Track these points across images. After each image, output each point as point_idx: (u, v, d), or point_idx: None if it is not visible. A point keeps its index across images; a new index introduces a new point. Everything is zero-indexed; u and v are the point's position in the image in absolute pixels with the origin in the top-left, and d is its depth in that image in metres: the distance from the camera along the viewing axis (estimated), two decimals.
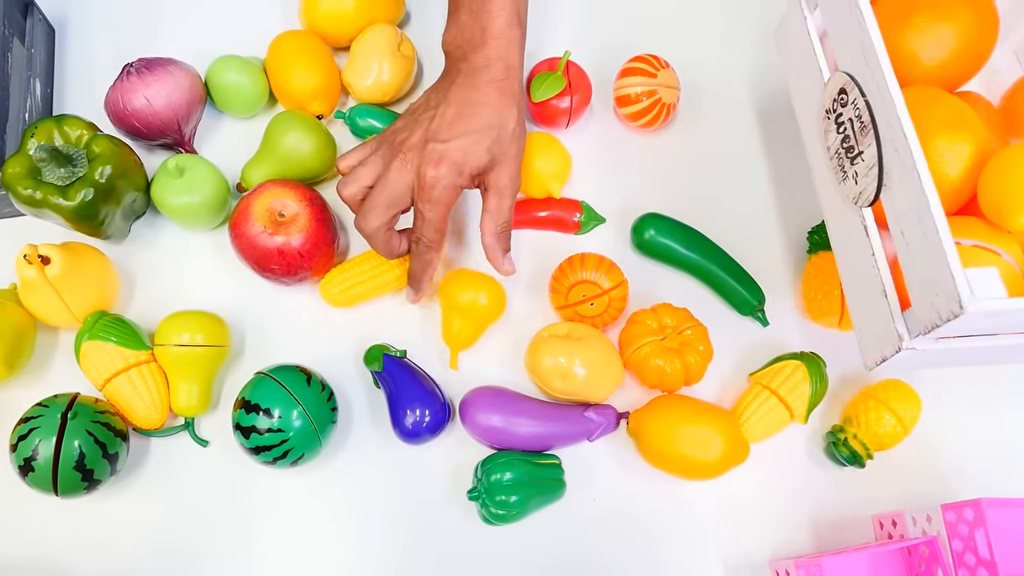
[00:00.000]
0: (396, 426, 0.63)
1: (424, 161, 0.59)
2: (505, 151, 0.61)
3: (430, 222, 0.60)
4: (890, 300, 0.53)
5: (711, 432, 0.63)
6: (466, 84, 0.61)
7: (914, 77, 0.60)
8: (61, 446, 0.57)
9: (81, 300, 0.63)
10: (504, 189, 0.61)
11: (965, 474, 0.67)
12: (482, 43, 0.61)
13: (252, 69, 0.72)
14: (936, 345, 0.51)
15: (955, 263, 0.46)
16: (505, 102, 0.61)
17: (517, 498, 0.61)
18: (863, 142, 0.55)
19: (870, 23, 0.54)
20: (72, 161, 0.64)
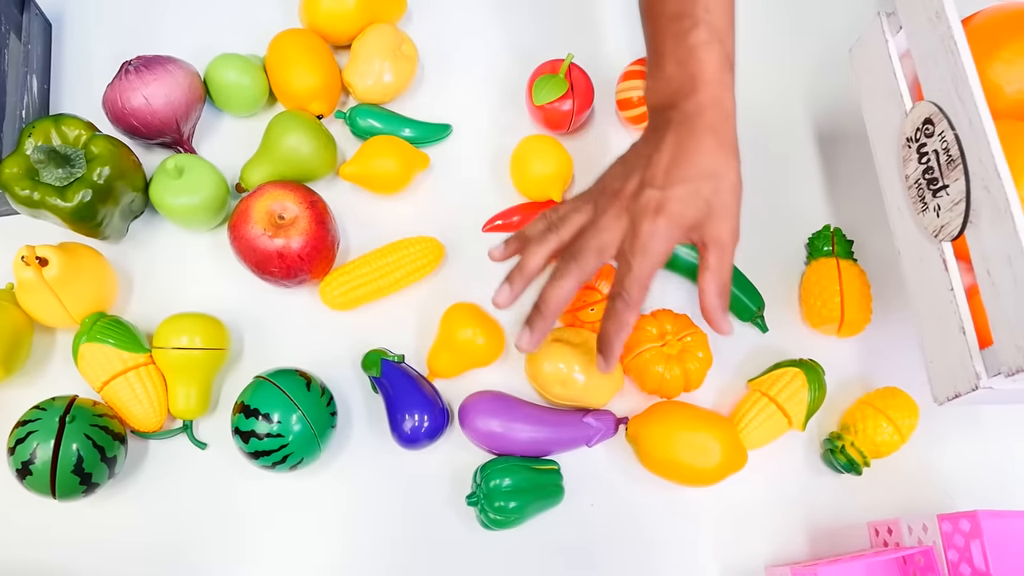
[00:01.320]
0: (395, 431, 0.63)
1: (641, 210, 0.54)
2: (725, 202, 0.55)
3: (637, 277, 0.54)
4: (968, 337, 0.52)
5: (709, 439, 0.63)
6: (680, 131, 0.55)
7: (998, 110, 0.58)
8: (59, 450, 0.57)
9: (79, 301, 0.63)
10: (726, 244, 0.55)
11: (962, 483, 0.67)
12: (693, 91, 0.56)
13: (252, 68, 0.72)
14: (1014, 385, 0.50)
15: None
16: (723, 150, 0.55)
17: (516, 504, 0.61)
18: (949, 176, 0.54)
19: (965, 55, 0.53)
20: (70, 161, 0.63)
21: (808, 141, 0.77)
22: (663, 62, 0.57)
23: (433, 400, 0.64)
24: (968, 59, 0.53)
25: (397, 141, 0.71)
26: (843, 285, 0.67)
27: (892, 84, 0.62)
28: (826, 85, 0.78)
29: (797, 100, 0.78)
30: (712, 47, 0.56)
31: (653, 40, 0.59)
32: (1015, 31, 0.60)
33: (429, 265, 0.69)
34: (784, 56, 0.80)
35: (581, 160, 0.74)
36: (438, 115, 0.75)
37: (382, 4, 0.74)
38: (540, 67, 0.73)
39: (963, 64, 0.53)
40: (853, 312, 0.67)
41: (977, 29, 0.61)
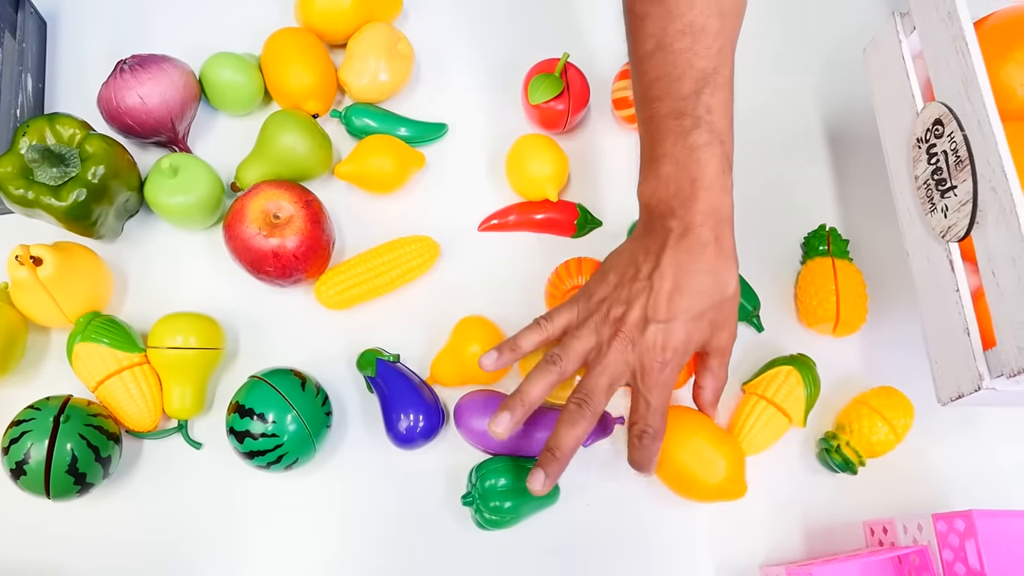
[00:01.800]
0: (390, 431, 0.63)
1: (648, 347, 0.54)
2: (727, 315, 0.56)
3: (656, 409, 0.55)
4: (972, 338, 0.53)
5: (719, 457, 0.62)
6: (680, 248, 0.54)
7: (1010, 111, 0.58)
8: (53, 450, 0.57)
9: (73, 301, 0.63)
10: (725, 350, 0.58)
11: (957, 483, 0.67)
12: (692, 196, 0.54)
13: (247, 67, 0.72)
14: (1016, 387, 0.51)
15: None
16: (723, 264, 0.55)
17: (511, 504, 0.61)
18: (957, 177, 0.54)
19: (975, 56, 0.53)
20: (64, 161, 0.63)
21: (805, 140, 0.77)
22: (660, 161, 0.56)
23: (428, 400, 0.64)
24: (978, 60, 0.53)
25: (393, 140, 0.71)
26: (839, 284, 0.67)
27: (904, 85, 0.62)
28: (831, 85, 0.78)
29: (799, 99, 0.78)
30: (713, 148, 0.54)
31: (649, 135, 0.57)
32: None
33: (425, 264, 0.69)
34: (792, 55, 0.79)
35: (577, 159, 0.74)
36: (434, 114, 0.75)
37: (378, 3, 0.74)
38: (536, 66, 0.73)
39: (973, 65, 0.53)
40: (848, 311, 0.67)
41: (991, 30, 0.61)
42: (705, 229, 0.54)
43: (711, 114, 0.54)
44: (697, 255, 0.54)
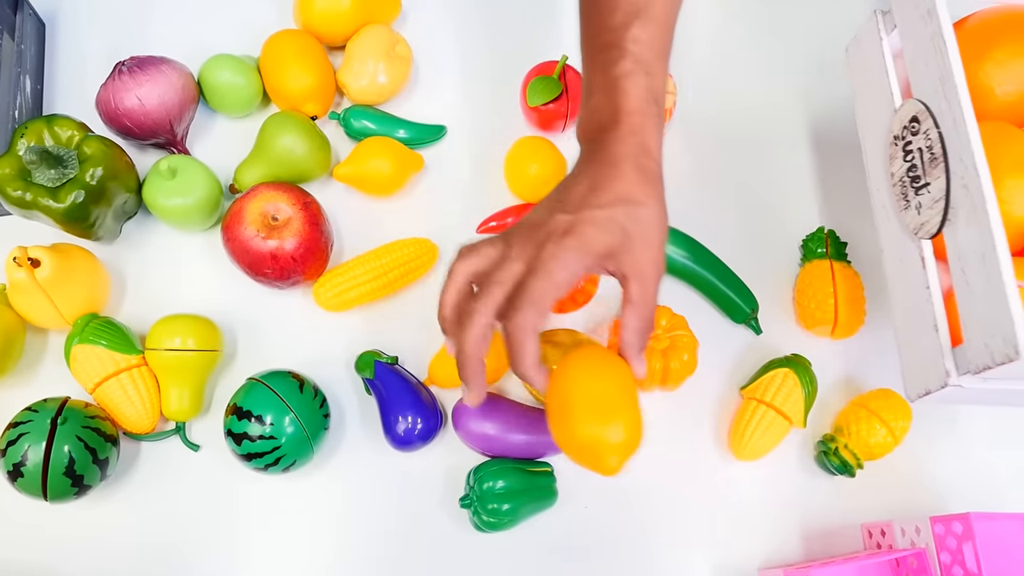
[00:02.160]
0: (388, 433, 0.63)
1: (548, 234, 0.50)
2: (644, 231, 0.51)
3: (528, 296, 0.48)
4: (941, 335, 0.53)
5: (604, 412, 0.52)
6: (599, 161, 0.53)
7: (987, 111, 0.59)
8: (51, 452, 0.57)
9: (71, 302, 0.63)
10: (647, 276, 0.52)
11: (954, 485, 0.67)
12: (615, 122, 0.53)
13: (246, 68, 0.71)
14: (984, 385, 0.51)
15: (1016, 308, 0.46)
16: (644, 179, 0.52)
17: (509, 506, 0.61)
18: (931, 174, 0.54)
19: (953, 54, 0.53)
20: (62, 162, 0.63)
21: (803, 142, 0.77)
22: (591, 93, 0.55)
23: (426, 402, 0.64)
24: (955, 57, 0.54)
25: (391, 142, 0.71)
26: (837, 287, 0.68)
27: (884, 82, 0.62)
28: (824, 86, 0.78)
29: (793, 101, 0.78)
30: (636, 79, 0.53)
31: (585, 72, 0.57)
32: (1008, 33, 0.60)
33: (423, 267, 0.69)
34: (781, 56, 0.80)
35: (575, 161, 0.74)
36: (432, 116, 0.75)
37: (376, 5, 0.74)
38: (534, 69, 0.73)
39: (950, 62, 0.53)
40: (847, 314, 0.67)
41: (971, 30, 0.61)
42: (625, 147, 0.53)
43: (637, 45, 0.54)
44: (617, 169, 0.52)
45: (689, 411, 0.68)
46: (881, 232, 0.62)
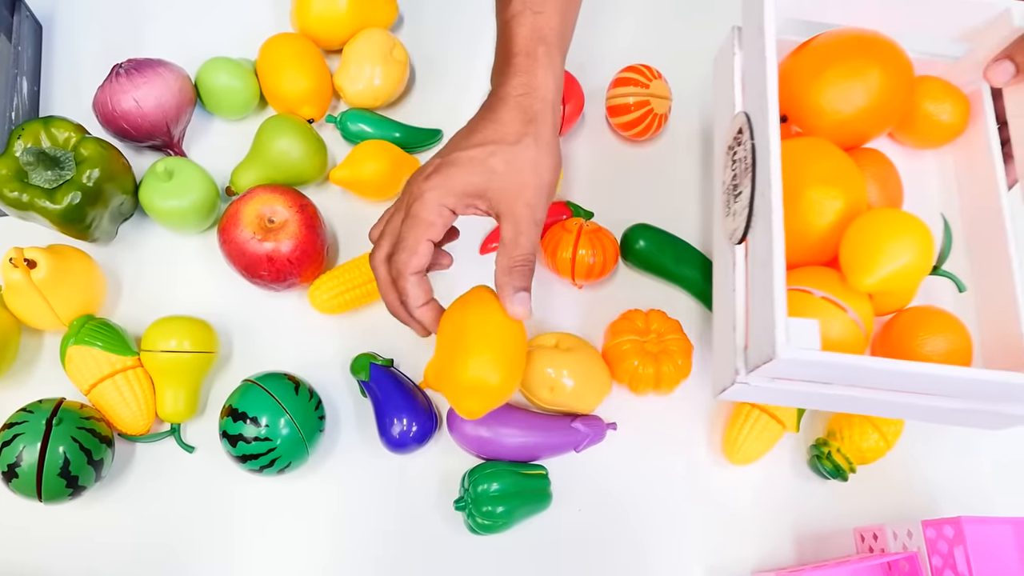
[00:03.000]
0: (383, 436, 0.63)
1: (418, 177, 0.54)
2: (517, 171, 0.52)
3: (403, 241, 0.53)
4: (737, 335, 0.56)
5: (471, 350, 0.53)
6: (485, 105, 0.55)
7: (821, 127, 0.62)
8: (46, 453, 0.57)
9: (67, 304, 0.63)
10: (519, 217, 0.52)
11: (946, 489, 0.68)
12: (505, 65, 0.55)
13: (243, 71, 0.72)
14: (770, 385, 0.54)
15: (780, 312, 0.49)
16: (520, 118, 0.53)
17: (503, 509, 0.61)
18: (744, 183, 0.57)
19: (770, 70, 0.57)
20: (59, 164, 0.63)
21: None
22: (496, 45, 0.58)
23: (422, 405, 0.64)
24: (772, 73, 0.56)
25: (387, 146, 0.71)
26: None
27: (731, 95, 0.64)
28: None
29: None
30: (523, 18, 0.55)
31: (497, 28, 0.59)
32: (839, 55, 0.62)
33: None
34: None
35: (570, 166, 0.74)
36: (428, 120, 0.75)
37: (373, 9, 0.75)
38: None
39: (766, 78, 0.56)
40: None
41: (812, 50, 0.64)
42: (508, 88, 0.54)
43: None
44: (496, 112, 0.53)
45: (683, 415, 0.68)
46: (714, 237, 0.65)
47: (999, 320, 0.60)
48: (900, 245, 0.54)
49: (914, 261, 0.54)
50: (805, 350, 0.49)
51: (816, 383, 0.54)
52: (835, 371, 0.51)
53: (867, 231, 0.55)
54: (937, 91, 0.67)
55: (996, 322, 0.61)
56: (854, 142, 0.65)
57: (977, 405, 0.55)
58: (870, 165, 0.66)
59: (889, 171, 0.67)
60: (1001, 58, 0.60)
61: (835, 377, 0.53)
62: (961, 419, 0.57)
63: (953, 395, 0.55)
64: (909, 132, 0.69)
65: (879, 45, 0.63)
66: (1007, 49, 0.60)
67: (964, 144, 0.69)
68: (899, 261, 0.54)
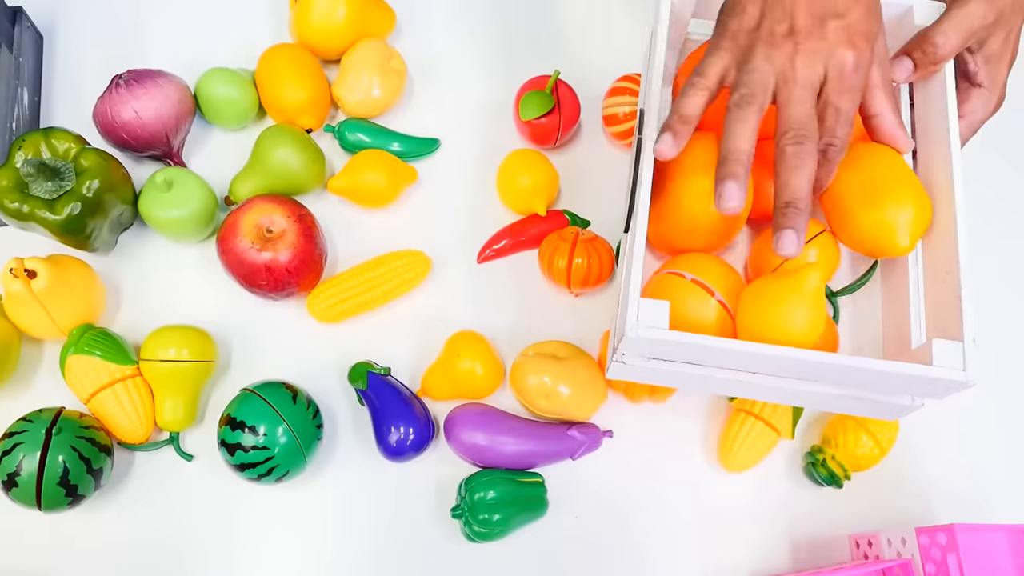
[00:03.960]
0: (380, 444, 0.64)
1: (834, 47, 0.50)
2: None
3: (845, 116, 0.51)
4: (618, 317, 0.58)
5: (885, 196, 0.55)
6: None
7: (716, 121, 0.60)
8: (45, 462, 0.57)
9: (67, 313, 0.63)
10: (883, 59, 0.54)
11: (941, 496, 0.68)
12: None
13: (242, 82, 0.72)
14: (646, 364, 0.55)
15: (634, 293, 0.51)
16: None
17: (500, 516, 0.61)
18: (632, 174, 0.58)
19: (657, 66, 0.58)
20: (59, 175, 0.63)
21: None
22: None
23: (419, 413, 0.64)
24: (658, 71, 0.58)
25: (385, 155, 0.72)
26: None
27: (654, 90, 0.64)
28: None
29: None
30: None
31: None
32: None
33: (416, 278, 0.70)
34: None
35: (567, 174, 0.75)
36: (426, 129, 0.76)
37: (371, 20, 0.75)
38: (527, 83, 0.74)
39: (651, 76, 0.59)
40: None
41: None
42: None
43: None
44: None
45: (678, 423, 0.69)
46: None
47: (897, 316, 0.60)
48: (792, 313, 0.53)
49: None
50: (652, 328, 0.50)
51: (685, 363, 0.55)
52: (684, 350, 0.52)
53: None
54: None
55: (895, 318, 0.61)
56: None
57: (851, 392, 0.55)
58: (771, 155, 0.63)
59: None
60: (900, 55, 0.60)
61: (688, 356, 0.53)
62: (841, 406, 0.57)
63: (812, 380, 0.55)
64: None
65: None
66: (905, 46, 0.60)
67: None
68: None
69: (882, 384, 0.53)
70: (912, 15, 0.61)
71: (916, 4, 0.61)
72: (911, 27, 0.61)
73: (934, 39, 0.58)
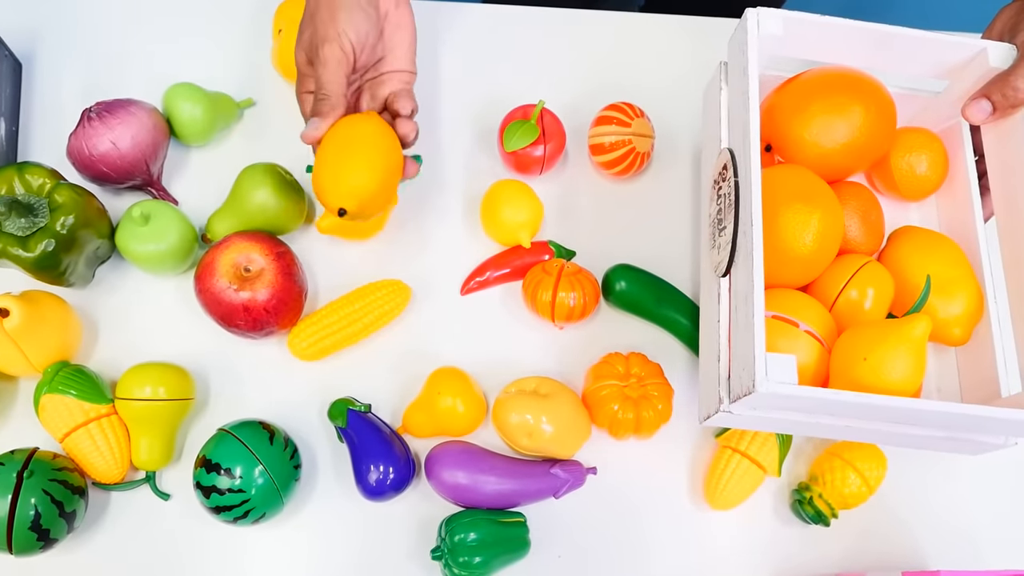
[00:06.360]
0: (360, 483, 0.63)
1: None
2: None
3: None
4: (721, 365, 0.58)
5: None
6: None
7: (804, 160, 0.64)
8: (16, 506, 0.56)
9: (41, 350, 0.62)
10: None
11: (930, 536, 0.67)
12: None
13: (202, 97, 0.71)
14: (752, 412, 0.56)
15: (760, 347, 0.52)
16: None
17: (481, 558, 0.61)
18: (728, 218, 0.59)
19: (753, 110, 0.59)
20: (33, 211, 0.62)
21: None
22: None
23: (399, 452, 0.63)
24: (755, 110, 0.59)
25: None
26: None
27: (717, 129, 0.66)
28: None
29: None
30: None
31: None
32: (824, 91, 0.65)
33: (396, 308, 0.69)
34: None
35: (553, 204, 0.74)
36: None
37: None
38: (512, 112, 0.73)
39: (749, 114, 0.59)
40: None
41: (797, 86, 0.66)
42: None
43: None
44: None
45: (663, 459, 0.68)
46: (701, 268, 0.67)
47: (978, 357, 0.63)
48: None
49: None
50: (782, 384, 0.52)
51: (796, 412, 0.56)
52: (810, 403, 0.54)
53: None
54: (916, 144, 0.69)
55: (976, 359, 0.64)
56: (836, 176, 0.66)
57: (950, 433, 0.58)
58: (852, 198, 0.67)
59: (871, 204, 0.68)
60: (978, 97, 0.62)
61: (811, 408, 0.55)
62: (936, 445, 0.59)
63: (923, 425, 0.57)
64: (892, 187, 0.70)
65: (862, 83, 0.65)
66: (984, 88, 0.62)
67: (946, 191, 0.70)
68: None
69: (989, 428, 0.56)
70: (986, 56, 0.62)
71: (990, 46, 0.62)
72: (985, 68, 0.62)
73: (1016, 83, 0.60)
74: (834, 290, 0.62)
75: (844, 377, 0.56)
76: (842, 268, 0.63)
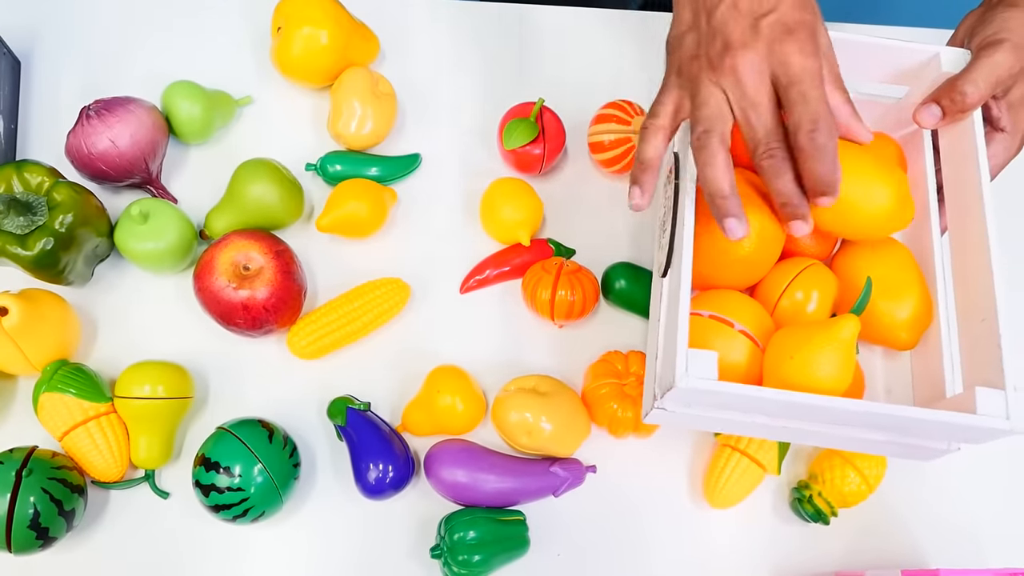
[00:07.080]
0: (359, 481, 0.63)
1: (774, 40, 0.50)
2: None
3: (815, 99, 0.50)
4: (657, 364, 0.58)
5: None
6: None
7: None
8: (15, 505, 0.56)
9: (40, 349, 0.62)
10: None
11: (930, 534, 0.67)
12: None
13: (200, 95, 0.70)
14: (686, 409, 0.56)
15: (682, 343, 0.52)
16: None
17: (480, 557, 0.61)
18: (668, 220, 0.58)
19: None
20: (31, 209, 0.62)
21: None
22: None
23: (398, 450, 0.63)
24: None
25: (364, 183, 0.70)
26: None
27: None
28: None
29: None
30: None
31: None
32: None
33: (395, 307, 0.68)
34: None
35: (552, 202, 0.74)
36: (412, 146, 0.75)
37: (355, 46, 0.74)
38: (511, 111, 0.73)
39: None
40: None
41: None
42: None
43: None
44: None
45: (663, 458, 0.68)
46: (654, 267, 0.67)
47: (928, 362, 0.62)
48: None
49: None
50: (702, 379, 0.51)
51: (728, 410, 0.56)
52: (734, 400, 0.53)
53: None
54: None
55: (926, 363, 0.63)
56: None
57: (890, 437, 0.56)
58: None
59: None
60: (928, 102, 0.61)
61: (741, 406, 0.55)
62: (881, 449, 0.58)
63: (852, 426, 0.56)
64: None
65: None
66: (934, 93, 0.61)
67: None
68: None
69: (924, 431, 0.55)
70: (939, 61, 0.61)
71: (943, 51, 0.61)
72: (938, 73, 0.61)
73: (963, 88, 0.58)
74: (776, 291, 0.61)
75: (773, 376, 0.55)
76: (786, 270, 0.61)
